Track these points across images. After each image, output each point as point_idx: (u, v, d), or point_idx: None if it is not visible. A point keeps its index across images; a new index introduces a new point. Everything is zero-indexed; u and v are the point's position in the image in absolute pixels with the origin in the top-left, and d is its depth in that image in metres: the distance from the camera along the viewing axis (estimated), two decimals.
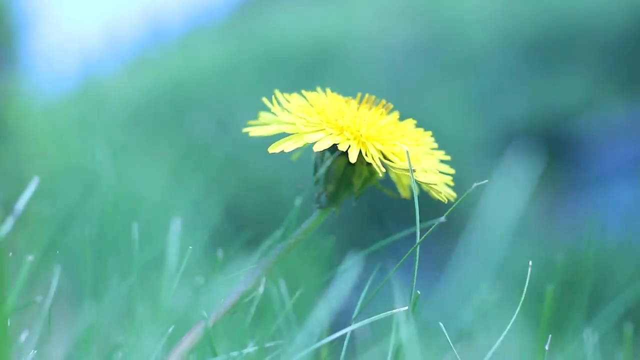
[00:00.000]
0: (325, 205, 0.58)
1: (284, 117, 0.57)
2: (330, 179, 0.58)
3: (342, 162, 0.58)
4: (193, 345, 0.53)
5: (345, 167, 0.58)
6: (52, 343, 0.59)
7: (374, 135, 0.56)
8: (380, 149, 0.56)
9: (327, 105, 0.58)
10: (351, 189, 0.58)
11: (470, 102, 3.33)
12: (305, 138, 0.55)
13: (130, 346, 0.47)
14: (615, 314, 0.71)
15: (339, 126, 0.56)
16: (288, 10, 4.04)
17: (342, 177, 0.58)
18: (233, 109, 3.28)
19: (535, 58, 3.40)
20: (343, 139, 0.56)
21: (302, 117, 0.57)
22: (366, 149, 0.56)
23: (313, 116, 0.57)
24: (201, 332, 0.52)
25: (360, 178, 0.58)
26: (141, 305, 0.50)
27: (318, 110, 0.57)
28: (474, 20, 3.57)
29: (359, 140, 0.56)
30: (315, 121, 0.57)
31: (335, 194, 0.58)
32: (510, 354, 0.82)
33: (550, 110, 3.25)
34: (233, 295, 0.55)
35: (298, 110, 0.58)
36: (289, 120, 0.57)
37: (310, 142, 0.55)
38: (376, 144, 0.56)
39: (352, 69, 3.57)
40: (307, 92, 0.60)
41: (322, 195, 0.58)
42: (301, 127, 0.56)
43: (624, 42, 3.29)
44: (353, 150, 0.55)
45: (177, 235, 0.52)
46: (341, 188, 0.58)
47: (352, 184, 0.58)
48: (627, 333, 0.63)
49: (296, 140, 0.56)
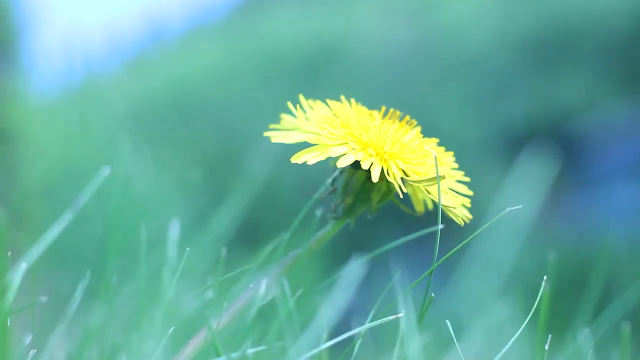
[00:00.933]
0: (341, 217, 0.58)
1: (307, 126, 0.57)
2: (349, 192, 0.58)
3: (362, 175, 0.58)
4: (198, 351, 0.53)
5: (365, 181, 0.58)
6: (54, 344, 0.59)
7: (397, 153, 0.56)
8: (402, 168, 0.56)
9: (351, 117, 0.58)
10: (369, 204, 0.58)
11: (470, 102, 3.33)
12: (329, 151, 0.55)
13: (132, 348, 0.47)
14: (617, 314, 0.71)
15: (363, 142, 0.56)
16: (288, 10, 4.04)
17: (360, 191, 0.58)
18: (233, 109, 3.28)
19: (535, 58, 3.40)
20: (366, 155, 0.55)
21: (326, 128, 0.57)
22: (388, 166, 0.56)
23: (337, 128, 0.57)
24: (206, 338, 0.52)
25: (379, 193, 0.58)
26: (143, 307, 0.50)
27: (342, 123, 0.57)
28: (474, 20, 3.57)
29: (382, 157, 0.56)
30: (339, 134, 0.56)
31: (352, 207, 0.58)
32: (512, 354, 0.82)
33: (550, 110, 3.25)
34: (240, 302, 0.55)
35: (322, 120, 0.58)
36: (313, 130, 0.57)
37: (334, 155, 0.55)
38: (398, 162, 0.56)
39: (352, 69, 3.57)
40: (331, 101, 0.60)
41: (339, 207, 0.58)
42: (325, 140, 0.56)
43: (624, 41, 3.29)
44: (375, 168, 0.55)
45: (177, 236, 0.52)
46: (359, 201, 0.58)
47: (370, 199, 0.58)
48: (625, 333, 0.63)
49: (320, 152, 0.55)
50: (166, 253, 0.51)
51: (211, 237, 0.68)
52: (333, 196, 0.59)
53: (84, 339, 0.48)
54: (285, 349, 0.53)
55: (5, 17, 2.41)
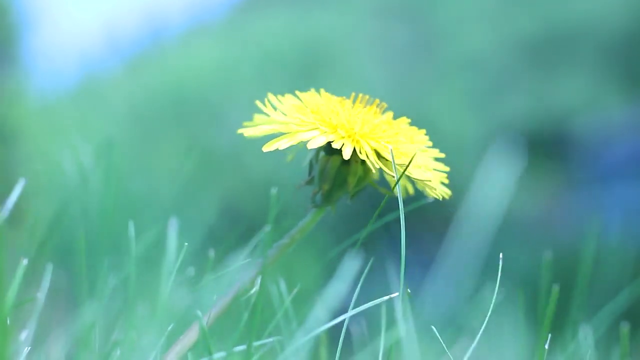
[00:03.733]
0: (320, 205, 0.58)
1: (277, 117, 0.58)
2: (325, 178, 0.58)
3: (336, 160, 0.58)
4: (190, 344, 0.53)
5: (340, 165, 0.58)
6: (51, 341, 0.59)
7: (368, 133, 0.57)
8: (375, 147, 0.57)
9: (321, 104, 0.58)
10: (346, 188, 0.58)
11: (469, 102, 3.33)
12: (299, 136, 0.56)
13: (129, 344, 0.47)
14: (615, 313, 0.71)
15: (333, 125, 0.57)
16: (287, 10, 4.04)
17: (336, 176, 0.58)
18: (232, 108, 3.28)
19: (534, 57, 3.40)
20: (337, 136, 0.56)
21: (297, 116, 0.57)
22: (360, 146, 0.56)
23: (307, 115, 0.57)
24: (198, 331, 0.52)
25: (355, 177, 0.58)
26: (139, 304, 0.50)
27: (312, 110, 0.58)
28: (473, 19, 3.58)
29: (353, 138, 0.56)
30: (310, 120, 0.57)
31: (330, 193, 0.58)
32: (510, 353, 0.82)
33: (550, 110, 3.25)
34: (228, 294, 0.55)
35: (292, 110, 0.58)
36: (283, 120, 0.57)
37: (304, 140, 0.56)
38: (370, 141, 0.57)
39: (351, 69, 3.57)
40: (300, 92, 0.60)
41: (317, 195, 0.58)
42: (295, 127, 0.56)
43: (624, 42, 3.29)
44: (347, 147, 0.55)
45: (174, 234, 0.52)
46: (336, 187, 0.58)
47: (347, 183, 0.58)
48: (624, 332, 0.63)
49: (290, 138, 0.56)
50: (162, 249, 0.51)
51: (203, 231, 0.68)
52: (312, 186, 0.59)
53: (81, 337, 0.48)
54: (282, 346, 0.53)
55: (6, 17, 2.41)
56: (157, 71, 3.81)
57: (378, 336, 0.59)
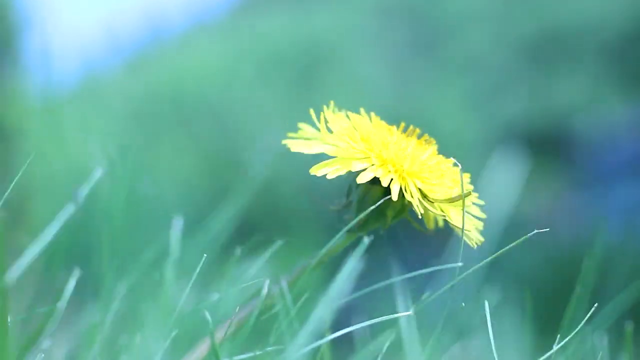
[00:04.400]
0: (354, 231, 0.58)
1: (328, 137, 0.57)
2: (364, 207, 0.57)
3: (377, 191, 0.57)
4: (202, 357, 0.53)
5: (380, 197, 0.57)
6: (56, 343, 0.59)
7: (416, 172, 0.56)
8: (420, 187, 0.56)
9: (371, 131, 0.57)
10: (383, 220, 0.58)
11: (469, 101, 3.33)
12: (351, 166, 0.55)
13: (134, 347, 0.47)
14: (617, 313, 0.71)
15: (383, 158, 0.56)
16: (288, 9, 4.04)
17: (375, 207, 0.57)
18: (233, 108, 3.28)
19: (535, 57, 3.40)
20: (385, 172, 0.55)
21: (347, 141, 0.56)
22: (406, 184, 0.55)
23: (357, 142, 0.56)
24: (209, 347, 0.52)
25: (394, 211, 0.58)
26: (145, 306, 0.50)
27: (362, 137, 0.57)
28: (474, 19, 3.57)
29: (400, 175, 0.56)
30: (360, 148, 0.56)
31: (366, 222, 0.58)
32: (510, 353, 0.82)
33: (550, 110, 3.25)
34: (247, 310, 0.55)
35: (342, 132, 0.57)
36: (333, 142, 0.56)
37: (355, 170, 0.55)
38: (417, 181, 0.56)
39: (351, 68, 3.57)
40: (351, 113, 0.59)
41: (353, 221, 0.58)
42: (345, 153, 0.55)
43: (624, 41, 3.29)
44: (395, 185, 0.55)
45: (179, 236, 0.52)
46: (373, 217, 0.58)
47: (385, 216, 0.58)
48: (627, 332, 0.63)
49: (342, 166, 0.55)
50: (167, 253, 0.51)
51: (210, 237, 0.68)
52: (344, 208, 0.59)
53: (84, 339, 0.48)
54: (284, 348, 0.53)
55: (6, 16, 2.41)
56: (157, 71, 3.81)
57: (379, 336, 0.59)
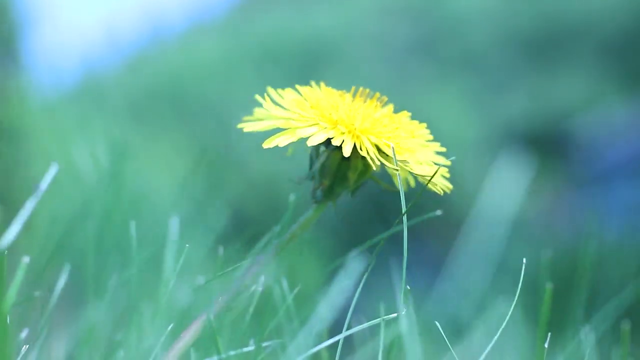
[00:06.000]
0: (321, 200, 0.58)
1: (277, 112, 0.58)
2: (326, 174, 0.58)
3: (336, 156, 0.58)
4: (192, 341, 0.53)
5: (340, 161, 0.58)
6: (53, 341, 0.59)
7: (369, 128, 0.56)
8: (375, 142, 0.56)
9: (321, 99, 0.58)
10: (347, 183, 0.58)
11: (470, 100, 3.33)
12: (298, 132, 0.55)
13: (131, 344, 0.47)
14: (615, 312, 0.71)
15: (333, 120, 0.56)
16: (287, 7, 4.04)
17: (337, 171, 0.58)
18: (232, 106, 3.28)
19: (535, 56, 3.40)
20: (337, 133, 0.56)
21: (296, 111, 0.57)
22: (361, 142, 0.56)
23: (307, 110, 0.57)
24: (201, 329, 0.52)
25: (356, 172, 0.58)
26: (142, 303, 0.50)
27: (312, 105, 0.57)
28: (474, 18, 3.57)
29: (353, 134, 0.56)
30: (309, 115, 0.57)
31: (330, 189, 0.58)
32: (511, 352, 0.82)
33: (550, 109, 3.25)
34: (230, 291, 0.55)
35: (292, 105, 0.58)
36: (283, 115, 0.57)
37: (304, 136, 0.55)
38: (371, 137, 0.56)
39: (351, 67, 3.57)
40: (301, 86, 0.60)
41: (318, 190, 0.58)
42: (295, 122, 0.56)
43: (624, 40, 3.29)
44: (347, 144, 0.55)
45: (176, 233, 0.52)
46: (336, 182, 0.58)
47: (348, 178, 0.58)
48: (624, 331, 0.63)
49: (290, 134, 0.55)
50: (164, 248, 0.51)
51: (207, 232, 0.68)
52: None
53: (83, 336, 0.48)
54: (284, 346, 0.53)
55: (6, 16, 2.41)
56: (157, 69, 3.81)
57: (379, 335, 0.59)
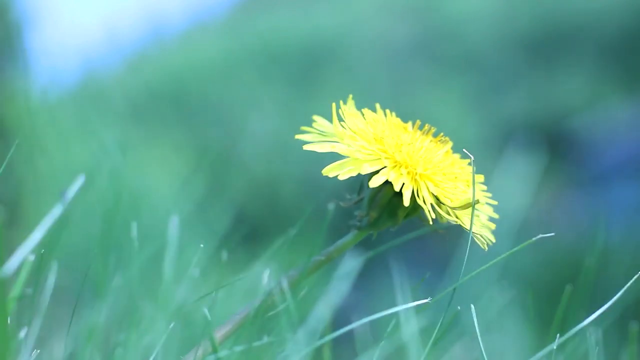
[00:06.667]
0: (365, 229, 0.58)
1: (341, 135, 0.57)
2: (375, 206, 0.57)
3: (390, 191, 0.57)
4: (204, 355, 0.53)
5: (392, 197, 0.57)
6: (53, 340, 0.58)
7: (429, 175, 0.56)
8: (433, 192, 0.56)
9: (385, 131, 0.57)
10: (394, 220, 0.58)
11: (469, 100, 3.33)
12: (362, 168, 0.55)
13: (131, 344, 0.47)
14: (617, 312, 0.71)
15: (396, 160, 0.56)
16: (288, 7, 4.04)
17: (387, 207, 0.57)
18: (233, 106, 3.28)
19: (535, 55, 3.40)
20: (398, 176, 0.55)
21: (360, 142, 0.56)
22: (419, 187, 0.55)
23: (371, 143, 0.56)
24: (209, 344, 0.52)
25: (406, 211, 0.58)
26: (142, 303, 0.50)
27: (375, 137, 0.57)
28: (474, 17, 3.57)
29: (413, 178, 0.55)
30: (373, 149, 0.56)
31: (377, 221, 0.58)
32: (511, 352, 0.82)
33: (550, 108, 3.25)
34: (249, 306, 0.55)
35: (356, 131, 0.57)
36: (346, 142, 0.56)
37: (366, 173, 0.55)
38: (429, 184, 0.56)
39: (352, 66, 3.57)
40: (367, 110, 0.59)
41: (364, 219, 0.58)
42: (358, 155, 0.55)
43: (625, 39, 3.29)
44: (407, 190, 0.55)
45: (177, 233, 0.52)
46: (384, 216, 0.58)
47: (396, 215, 0.58)
48: (632, 332, 0.63)
49: (354, 168, 0.55)
50: (165, 248, 0.51)
51: (208, 231, 0.68)
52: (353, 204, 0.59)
53: (84, 336, 0.48)
54: (284, 344, 0.53)
55: (6, 15, 2.41)
56: (158, 69, 3.81)
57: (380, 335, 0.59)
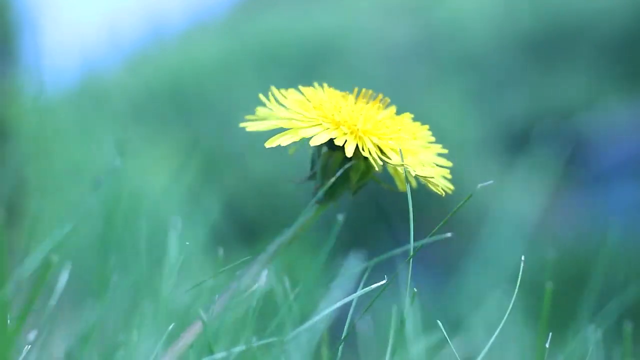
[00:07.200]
0: (322, 201, 0.58)
1: (280, 112, 0.58)
2: (327, 174, 0.58)
3: (338, 156, 0.58)
4: (192, 342, 0.53)
5: (342, 161, 0.58)
6: (54, 341, 0.58)
7: (371, 129, 0.57)
8: (377, 143, 0.57)
9: (324, 100, 0.58)
10: (348, 184, 0.58)
11: (469, 100, 3.33)
12: (301, 133, 0.56)
13: (131, 344, 0.47)
14: (617, 312, 0.71)
15: (336, 121, 0.57)
16: (288, 7, 4.04)
17: (338, 172, 0.58)
18: (233, 106, 3.28)
19: (535, 56, 3.40)
20: (340, 133, 0.56)
21: (299, 112, 0.57)
22: (363, 143, 0.56)
23: (310, 111, 0.58)
24: (200, 329, 0.52)
25: (358, 173, 0.58)
26: (142, 303, 0.50)
27: (315, 106, 0.58)
28: (474, 17, 3.57)
29: (356, 135, 0.56)
30: (312, 116, 0.57)
31: (332, 189, 0.58)
32: (511, 351, 0.82)
33: (550, 109, 3.25)
34: (230, 291, 0.55)
35: (295, 105, 0.58)
36: (286, 116, 0.57)
37: (307, 136, 0.56)
38: (373, 138, 0.57)
39: (351, 67, 3.57)
40: (304, 87, 0.60)
41: (320, 190, 0.58)
42: (298, 122, 0.56)
43: (625, 39, 3.29)
44: (350, 144, 0.55)
45: (177, 233, 0.52)
46: (338, 183, 0.58)
47: (350, 179, 0.58)
48: (627, 331, 0.63)
49: (293, 134, 0.56)
50: (165, 249, 0.51)
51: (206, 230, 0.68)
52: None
53: (84, 336, 0.48)
54: (285, 343, 0.53)
55: (6, 15, 2.41)
56: (158, 69, 3.81)
57: (381, 334, 0.59)
